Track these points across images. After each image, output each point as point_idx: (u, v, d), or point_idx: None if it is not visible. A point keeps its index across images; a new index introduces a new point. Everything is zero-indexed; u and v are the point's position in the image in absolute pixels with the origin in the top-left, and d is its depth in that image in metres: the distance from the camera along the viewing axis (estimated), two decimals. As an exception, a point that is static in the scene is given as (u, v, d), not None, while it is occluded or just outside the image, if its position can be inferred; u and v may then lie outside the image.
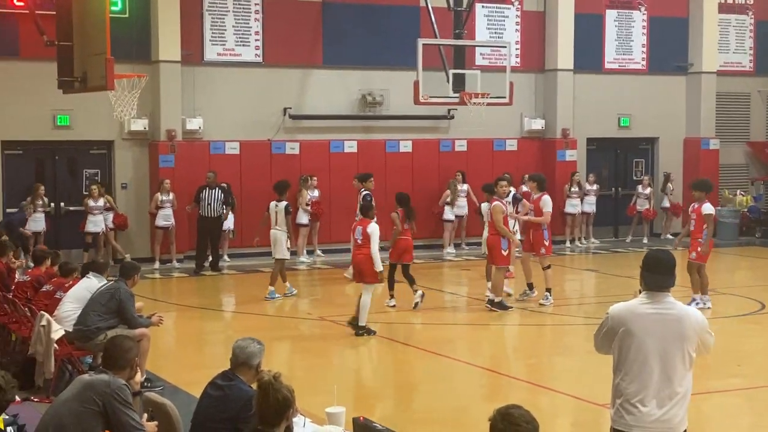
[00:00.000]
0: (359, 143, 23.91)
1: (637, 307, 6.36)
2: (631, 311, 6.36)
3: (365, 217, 15.26)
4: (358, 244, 14.91)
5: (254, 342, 7.15)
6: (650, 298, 6.35)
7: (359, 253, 14.79)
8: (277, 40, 23.16)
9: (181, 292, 19.44)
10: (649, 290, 6.37)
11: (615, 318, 6.38)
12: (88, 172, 22.15)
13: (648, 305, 6.33)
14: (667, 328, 6.25)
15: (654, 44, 27.11)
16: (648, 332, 6.24)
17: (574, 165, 25.61)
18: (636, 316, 6.30)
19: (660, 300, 6.33)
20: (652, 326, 6.25)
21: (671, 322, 6.27)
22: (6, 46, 20.89)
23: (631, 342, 6.26)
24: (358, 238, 14.89)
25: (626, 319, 6.31)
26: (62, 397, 6.64)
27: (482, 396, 11.88)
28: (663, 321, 6.26)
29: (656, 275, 6.35)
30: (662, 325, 6.26)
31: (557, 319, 16.20)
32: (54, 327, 11.01)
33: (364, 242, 14.71)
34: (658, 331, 6.24)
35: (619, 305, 6.49)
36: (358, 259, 14.83)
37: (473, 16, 24.19)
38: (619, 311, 6.40)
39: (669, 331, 6.25)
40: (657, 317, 6.27)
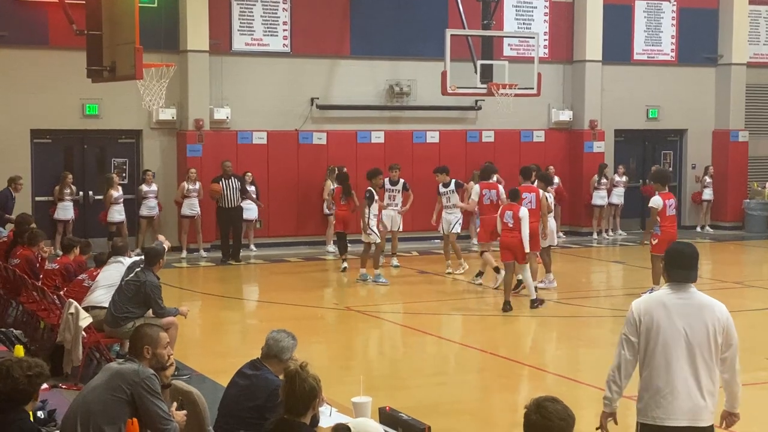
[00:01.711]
0: (386, 134, 23.90)
1: (660, 299, 6.33)
2: (655, 303, 6.33)
3: (513, 202, 15.99)
4: (509, 228, 15.68)
5: (289, 336, 7.16)
6: (673, 290, 6.32)
7: (512, 236, 15.62)
8: (304, 30, 23.18)
9: (208, 281, 19.52)
10: (672, 282, 6.35)
11: (639, 311, 6.34)
12: (116, 161, 22.26)
13: (672, 296, 6.30)
14: (692, 319, 6.22)
15: (683, 35, 26.94)
16: (673, 324, 6.22)
17: (601, 157, 25.51)
18: (661, 308, 6.27)
19: (684, 291, 6.31)
20: (677, 317, 6.22)
21: (695, 312, 6.24)
22: (36, 35, 21.00)
23: (657, 335, 6.23)
24: (508, 222, 15.69)
25: (650, 312, 6.28)
26: (91, 384, 6.67)
27: (507, 387, 11.88)
28: (687, 312, 6.24)
29: (679, 269, 6.33)
30: (687, 316, 6.23)
31: (584, 310, 16.16)
32: (82, 315, 11.09)
33: (515, 225, 15.59)
34: (684, 322, 6.21)
35: (641, 299, 6.46)
36: (512, 241, 15.62)
37: (501, 6, 24.12)
38: (643, 304, 6.37)
39: (694, 321, 6.22)
40: (681, 308, 6.25)
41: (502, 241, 15.91)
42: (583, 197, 25.25)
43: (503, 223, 15.83)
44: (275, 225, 22.66)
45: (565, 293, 17.31)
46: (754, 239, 25.40)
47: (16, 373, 5.85)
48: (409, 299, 17.40)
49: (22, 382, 5.85)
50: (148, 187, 21.59)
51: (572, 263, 21.33)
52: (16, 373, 5.85)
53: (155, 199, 21.65)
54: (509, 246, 15.74)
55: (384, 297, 17.33)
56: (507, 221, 15.76)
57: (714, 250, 23.86)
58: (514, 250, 15.66)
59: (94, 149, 22.36)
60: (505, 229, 15.80)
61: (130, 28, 13.34)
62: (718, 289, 16.94)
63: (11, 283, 13.84)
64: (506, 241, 15.79)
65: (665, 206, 16.38)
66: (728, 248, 24.18)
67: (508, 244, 15.77)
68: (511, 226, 15.68)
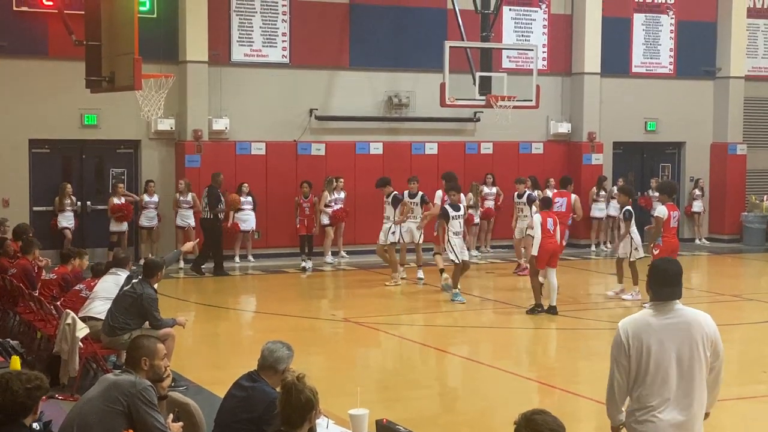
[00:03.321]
0: (385, 145, 23.91)
1: (647, 320, 6.28)
2: (642, 325, 6.26)
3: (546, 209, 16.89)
4: (550, 234, 16.36)
5: (284, 347, 7.14)
6: (658, 309, 6.28)
7: (555, 242, 16.53)
8: (304, 41, 23.20)
9: (206, 292, 19.49)
10: (657, 300, 6.31)
11: (626, 334, 6.27)
12: (114, 171, 22.26)
13: (657, 316, 6.25)
14: (681, 338, 6.19)
15: (682, 48, 26.99)
16: (663, 345, 6.17)
17: (600, 169, 25.54)
18: (649, 330, 6.22)
19: (668, 309, 6.26)
20: (666, 339, 6.18)
21: (684, 330, 6.21)
22: (35, 45, 21.02)
23: (648, 358, 6.18)
24: (550, 228, 16.38)
25: (638, 336, 6.22)
26: (87, 395, 6.66)
27: (505, 399, 11.85)
28: (676, 331, 6.20)
29: (663, 286, 6.30)
30: (676, 337, 6.19)
31: (582, 323, 16.15)
32: (79, 325, 11.07)
33: (554, 232, 16.51)
34: (674, 344, 6.18)
35: (628, 319, 6.39)
36: (555, 247, 16.56)
37: (500, 18, 24.14)
38: (630, 327, 6.29)
39: (683, 340, 6.19)
40: (669, 329, 6.20)
41: (543, 247, 16.31)
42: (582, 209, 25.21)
43: (545, 230, 16.32)
44: (273, 236, 22.64)
45: (564, 305, 17.28)
46: (752, 252, 25.40)
47: (16, 386, 5.80)
48: (406, 310, 17.38)
49: (22, 395, 5.80)
50: (149, 198, 21.58)
51: (571, 275, 21.31)
52: (16, 386, 5.80)
53: (155, 210, 21.65)
54: (551, 251, 16.41)
55: (382, 308, 17.30)
56: (549, 228, 16.37)
57: (712, 263, 23.86)
58: (556, 254, 16.64)
59: (93, 159, 22.36)
60: (548, 234, 16.35)
61: (129, 38, 13.37)
62: (716, 302, 16.94)
63: (8, 293, 13.82)
64: (548, 247, 16.33)
65: (669, 217, 16.59)
66: (726, 261, 24.18)
67: (550, 250, 16.38)
68: (552, 232, 16.42)
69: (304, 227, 21.73)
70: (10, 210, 20.39)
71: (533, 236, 17.06)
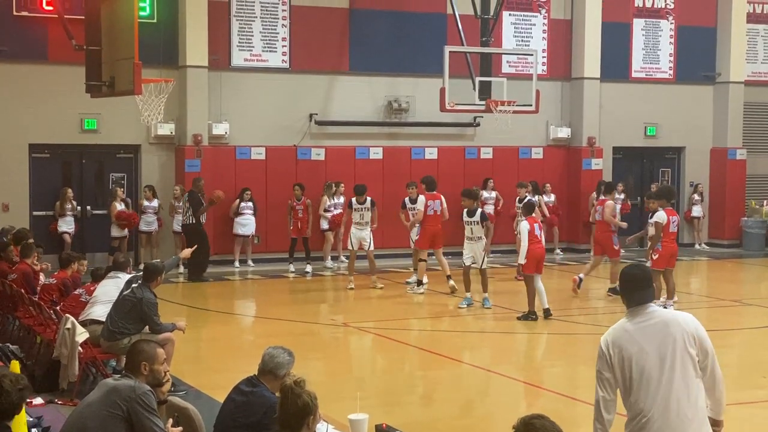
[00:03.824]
0: (385, 150, 23.92)
1: (624, 328, 6.24)
2: (620, 333, 6.23)
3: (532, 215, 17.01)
4: (537, 239, 16.48)
5: (285, 353, 7.13)
6: (632, 315, 6.25)
7: (542, 247, 16.70)
8: (304, 46, 23.22)
9: (206, 296, 19.49)
10: (631, 307, 6.29)
11: (607, 345, 6.23)
12: (114, 176, 22.26)
13: (633, 322, 6.22)
14: (657, 337, 6.12)
15: (681, 53, 27.01)
16: (643, 350, 6.11)
17: (599, 174, 25.53)
18: (627, 337, 6.17)
19: (643, 313, 6.22)
20: (645, 342, 6.12)
21: (661, 331, 6.14)
22: (35, 50, 21.03)
23: (630, 365, 6.12)
24: (537, 234, 16.53)
25: (618, 344, 6.18)
26: (87, 400, 6.65)
27: (505, 404, 11.85)
28: (652, 332, 6.14)
29: (633, 292, 6.29)
30: (653, 336, 6.13)
31: (581, 328, 16.14)
32: (78, 330, 11.07)
33: (541, 237, 16.73)
34: (651, 343, 6.11)
35: (608, 332, 6.35)
36: (542, 252, 16.70)
37: (500, 23, 24.16)
38: (610, 337, 6.26)
39: (662, 341, 6.11)
40: (646, 331, 6.14)
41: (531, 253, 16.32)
42: (581, 214, 25.26)
43: (533, 236, 16.34)
44: (273, 240, 22.64)
45: (563, 310, 17.28)
46: (751, 257, 25.40)
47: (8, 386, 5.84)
48: (407, 315, 17.37)
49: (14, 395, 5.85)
50: (149, 203, 21.60)
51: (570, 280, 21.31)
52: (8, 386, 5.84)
53: (155, 215, 21.67)
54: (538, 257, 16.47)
55: (382, 313, 17.30)
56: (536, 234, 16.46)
57: (712, 268, 23.86)
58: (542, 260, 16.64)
59: (93, 164, 22.36)
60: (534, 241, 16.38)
61: (129, 43, 13.39)
62: (716, 307, 16.94)
63: (8, 298, 13.81)
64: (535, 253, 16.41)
65: (669, 222, 16.65)
66: (726, 266, 24.17)
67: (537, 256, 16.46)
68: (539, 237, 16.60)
69: (296, 230, 21.83)
70: (9, 215, 20.40)
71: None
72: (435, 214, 19.09)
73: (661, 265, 16.89)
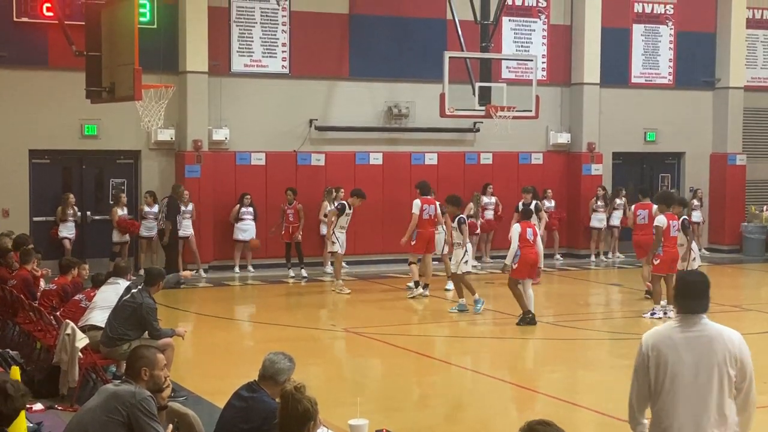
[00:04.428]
0: (385, 155, 23.93)
1: (668, 332, 6.13)
2: (663, 338, 6.11)
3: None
4: (530, 244, 16.35)
5: (286, 359, 7.13)
6: (682, 322, 6.11)
7: (535, 252, 16.55)
8: (303, 51, 23.24)
9: (206, 302, 19.48)
10: (682, 314, 6.14)
11: (647, 346, 6.12)
12: (114, 182, 22.27)
13: (679, 329, 6.09)
14: (701, 353, 6.00)
15: (681, 59, 27.03)
16: (681, 359, 6.00)
17: (599, 179, 25.55)
18: (669, 343, 6.06)
19: (692, 323, 6.09)
20: (685, 352, 6.01)
21: (705, 345, 6.01)
22: (35, 55, 21.04)
23: (665, 371, 6.02)
24: (530, 238, 16.36)
25: (658, 347, 6.06)
26: (87, 406, 6.65)
27: (504, 409, 11.85)
28: (695, 345, 6.02)
29: (688, 299, 6.14)
30: (694, 349, 6.01)
31: (581, 333, 16.14)
32: (78, 336, 11.07)
33: (535, 242, 16.50)
34: (693, 357, 5.99)
35: (651, 331, 6.24)
36: (536, 257, 16.62)
37: (500, 29, 24.17)
38: (651, 338, 6.15)
39: (704, 355, 5.99)
40: (690, 342, 6.02)
41: (524, 257, 16.28)
42: (581, 219, 25.26)
43: (525, 240, 16.31)
44: (273, 246, 22.63)
45: (563, 315, 17.29)
46: (751, 263, 25.41)
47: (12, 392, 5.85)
48: (406, 321, 17.37)
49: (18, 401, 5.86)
50: (149, 208, 21.60)
51: (570, 285, 21.33)
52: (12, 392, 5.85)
53: (155, 221, 21.64)
54: (532, 262, 16.45)
55: (381, 319, 17.29)
56: (528, 238, 16.34)
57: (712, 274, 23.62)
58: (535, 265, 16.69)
59: (93, 170, 22.36)
60: (527, 245, 16.36)
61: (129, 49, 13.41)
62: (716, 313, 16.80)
63: (8, 303, 13.82)
64: (528, 258, 16.34)
65: (669, 227, 16.60)
66: (726, 271, 24.16)
67: (531, 260, 16.41)
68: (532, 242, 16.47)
69: (288, 234, 21.87)
70: (9, 220, 20.40)
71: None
72: (430, 218, 19.18)
73: (663, 270, 16.89)
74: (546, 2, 25.67)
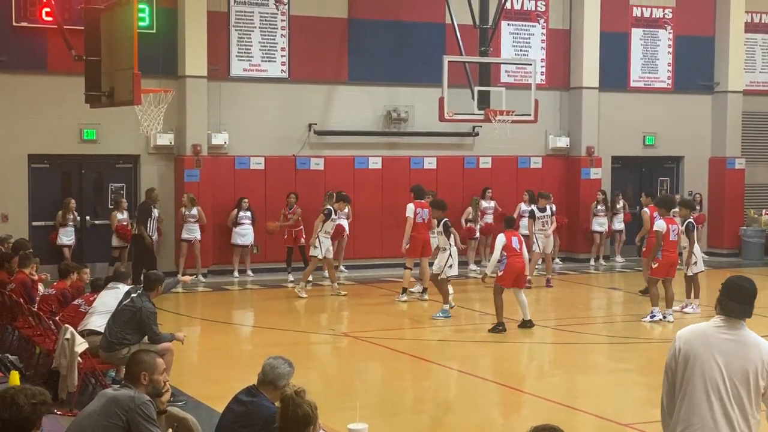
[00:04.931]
0: (384, 160, 23.93)
1: (705, 330, 6.02)
2: (698, 333, 6.02)
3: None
4: (517, 253, 16.13)
5: (285, 363, 7.13)
6: (722, 323, 6.01)
7: (522, 261, 16.22)
8: (303, 55, 23.25)
9: (205, 306, 19.49)
10: (724, 315, 6.03)
11: (680, 339, 6.03)
12: (113, 186, 22.26)
13: (717, 329, 5.99)
14: (733, 356, 5.90)
15: (680, 63, 27.05)
16: (711, 356, 5.90)
17: (598, 183, 25.55)
18: (702, 339, 5.96)
19: (731, 325, 5.99)
20: (716, 352, 5.91)
21: (739, 350, 5.91)
22: (34, 60, 21.05)
23: (693, 365, 5.92)
24: (516, 247, 16.13)
25: (690, 341, 5.97)
26: (86, 410, 6.66)
27: (504, 413, 11.85)
28: (730, 348, 5.91)
29: (735, 303, 6.03)
30: (728, 353, 5.90)
31: (580, 337, 16.14)
32: (78, 340, 11.07)
33: (521, 251, 16.26)
34: (723, 358, 5.89)
35: (688, 327, 6.15)
36: (522, 266, 16.23)
37: (499, 33, 24.17)
38: (687, 332, 6.06)
39: (735, 359, 5.89)
40: (724, 344, 5.92)
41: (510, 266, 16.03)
42: (581, 223, 25.26)
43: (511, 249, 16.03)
44: (272, 250, 22.62)
45: (562, 319, 17.29)
46: (750, 266, 25.37)
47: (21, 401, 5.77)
48: (406, 325, 17.37)
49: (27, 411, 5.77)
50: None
51: (569, 289, 21.33)
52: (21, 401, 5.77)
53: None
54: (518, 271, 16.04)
55: (381, 323, 17.30)
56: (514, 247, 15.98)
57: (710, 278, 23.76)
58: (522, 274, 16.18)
59: (92, 174, 22.36)
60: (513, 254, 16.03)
61: (128, 53, 13.39)
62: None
63: (7, 308, 13.81)
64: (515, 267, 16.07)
65: (668, 231, 16.65)
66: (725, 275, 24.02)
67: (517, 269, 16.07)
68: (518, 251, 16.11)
69: (290, 239, 21.82)
70: (9, 225, 20.39)
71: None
72: (423, 222, 19.17)
73: (661, 274, 16.91)
74: (545, 6, 25.69)
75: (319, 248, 19.55)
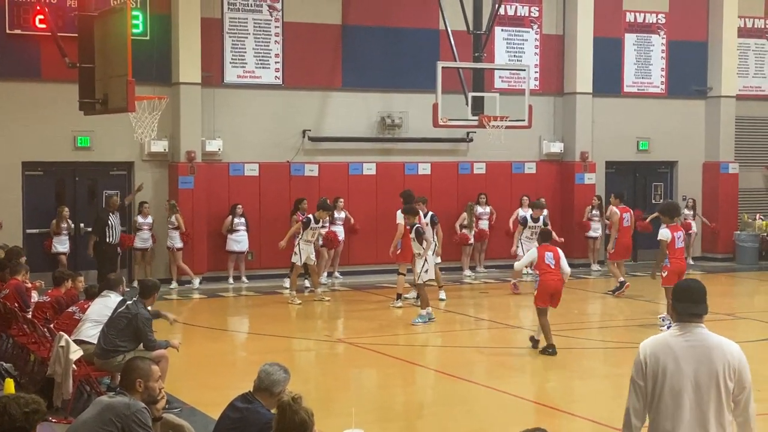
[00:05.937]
0: (378, 166, 23.93)
1: (667, 341, 6.04)
2: (661, 346, 6.04)
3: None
4: (550, 269, 14.71)
5: (281, 370, 7.12)
6: (681, 329, 6.04)
7: (557, 278, 14.76)
8: (296, 62, 23.25)
9: (199, 313, 19.46)
10: (680, 321, 6.06)
11: (645, 353, 6.05)
12: (107, 193, 22.21)
13: (678, 336, 6.02)
14: (700, 362, 5.92)
15: (673, 68, 27.09)
16: (680, 368, 5.92)
17: (592, 188, 25.56)
18: (667, 351, 5.98)
19: (691, 330, 6.01)
20: (683, 361, 5.93)
21: (704, 354, 5.93)
22: (28, 67, 21.03)
23: (663, 379, 5.94)
24: (550, 263, 14.71)
25: (656, 355, 5.99)
26: (82, 418, 6.64)
27: (500, 419, 11.83)
28: (694, 354, 5.94)
29: (685, 304, 6.06)
30: (694, 359, 5.92)
31: (575, 342, 16.13)
32: (72, 348, 11.04)
33: (557, 267, 14.74)
34: (691, 366, 5.91)
35: (649, 339, 6.17)
36: (558, 284, 14.80)
37: (492, 39, 24.22)
38: (650, 346, 6.08)
39: (702, 365, 5.91)
40: (689, 351, 5.94)
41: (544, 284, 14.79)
42: (575, 228, 25.25)
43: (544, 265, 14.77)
44: (267, 257, 22.61)
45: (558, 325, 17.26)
46: (744, 271, 25.43)
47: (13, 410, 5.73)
48: (402, 331, 17.35)
49: (20, 419, 5.73)
50: (143, 219, 21.58)
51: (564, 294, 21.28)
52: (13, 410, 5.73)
53: (149, 231, 21.64)
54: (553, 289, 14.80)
55: (376, 329, 17.28)
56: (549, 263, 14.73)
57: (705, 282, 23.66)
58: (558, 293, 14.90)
59: (86, 181, 22.33)
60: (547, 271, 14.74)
61: (122, 60, 13.38)
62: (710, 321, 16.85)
63: (2, 315, 13.78)
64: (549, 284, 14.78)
65: (674, 239, 16.34)
66: (719, 280, 24.18)
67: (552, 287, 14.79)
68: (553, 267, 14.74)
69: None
70: (3, 232, 20.34)
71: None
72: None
73: (672, 282, 16.67)
74: (538, 12, 25.73)
75: (299, 255, 19.58)
